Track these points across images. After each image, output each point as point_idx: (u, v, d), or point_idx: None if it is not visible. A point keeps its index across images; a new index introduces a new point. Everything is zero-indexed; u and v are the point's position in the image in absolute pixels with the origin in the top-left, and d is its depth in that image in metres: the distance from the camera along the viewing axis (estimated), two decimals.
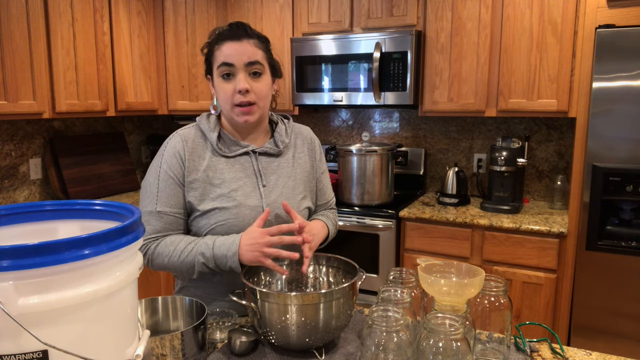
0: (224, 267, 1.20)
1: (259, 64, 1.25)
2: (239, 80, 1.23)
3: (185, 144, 1.27)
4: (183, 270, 1.24)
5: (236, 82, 1.23)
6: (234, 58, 1.22)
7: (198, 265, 1.21)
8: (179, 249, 1.22)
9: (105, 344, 0.72)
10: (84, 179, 2.98)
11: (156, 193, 1.25)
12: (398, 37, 2.64)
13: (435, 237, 2.53)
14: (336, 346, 1.14)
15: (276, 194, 1.32)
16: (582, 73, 2.21)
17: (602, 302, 2.21)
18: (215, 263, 1.20)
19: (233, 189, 1.27)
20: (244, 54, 1.23)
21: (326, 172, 1.50)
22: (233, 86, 1.23)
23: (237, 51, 1.22)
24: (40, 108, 2.47)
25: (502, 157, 2.54)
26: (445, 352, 0.84)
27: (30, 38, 2.40)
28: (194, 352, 1.02)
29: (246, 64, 1.23)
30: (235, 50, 1.22)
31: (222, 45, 1.24)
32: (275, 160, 1.35)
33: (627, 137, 2.10)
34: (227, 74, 1.24)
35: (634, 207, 2.17)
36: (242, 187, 1.28)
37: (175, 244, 1.23)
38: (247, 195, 1.28)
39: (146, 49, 3.12)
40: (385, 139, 3.24)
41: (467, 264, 1.04)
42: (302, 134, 1.44)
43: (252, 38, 1.26)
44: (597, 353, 1.11)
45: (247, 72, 1.24)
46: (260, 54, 1.26)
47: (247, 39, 1.25)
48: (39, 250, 0.62)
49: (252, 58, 1.23)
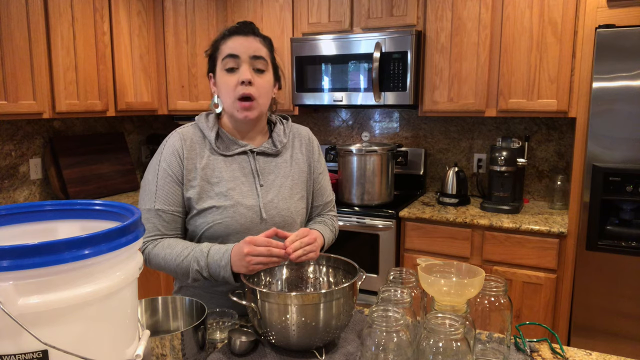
0: (217, 276, 1.19)
1: (263, 60, 1.27)
2: (243, 71, 1.24)
3: (184, 142, 1.28)
4: (178, 275, 1.24)
5: (240, 74, 1.24)
6: (240, 50, 1.24)
7: (193, 272, 1.20)
8: (176, 252, 1.22)
9: (105, 344, 0.72)
10: (84, 179, 2.98)
11: (155, 191, 1.26)
12: (398, 37, 2.64)
13: (435, 237, 2.53)
14: (336, 346, 1.14)
15: (273, 194, 1.32)
16: (582, 73, 2.21)
17: (602, 302, 2.21)
18: (209, 272, 1.19)
19: (230, 188, 1.27)
20: (250, 47, 1.25)
21: (325, 172, 1.49)
22: (236, 79, 1.24)
23: (242, 44, 1.25)
24: (40, 108, 2.47)
25: (502, 157, 2.54)
26: (445, 352, 0.84)
27: (30, 38, 2.40)
28: (194, 352, 1.02)
29: (251, 57, 1.25)
30: (241, 44, 1.25)
31: (228, 40, 1.26)
32: (273, 160, 1.35)
33: (627, 137, 2.10)
34: (232, 68, 1.25)
35: (634, 207, 2.17)
36: (239, 186, 1.29)
37: (173, 247, 1.23)
38: (244, 195, 1.28)
39: (146, 49, 3.12)
40: (385, 139, 3.24)
41: (467, 264, 1.04)
42: (301, 134, 1.44)
43: (258, 36, 1.29)
44: (597, 353, 1.11)
45: (251, 65, 1.25)
46: (265, 51, 1.28)
47: (254, 36, 1.28)
48: (39, 250, 0.62)
49: (257, 52, 1.26)
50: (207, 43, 3.16)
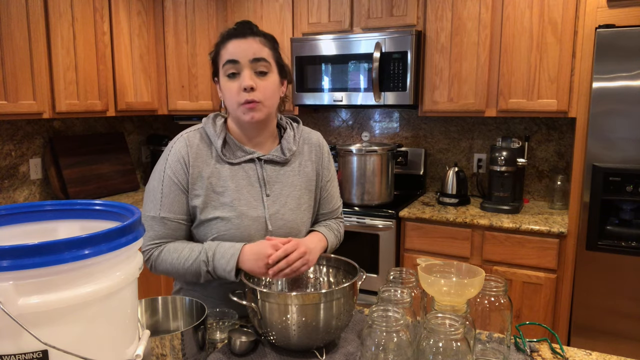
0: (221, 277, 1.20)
1: (264, 61, 1.21)
2: (244, 78, 1.19)
3: (189, 149, 1.24)
4: (188, 277, 1.23)
5: (241, 80, 1.20)
6: (239, 54, 1.20)
7: (204, 274, 1.20)
8: (183, 256, 1.21)
9: (105, 344, 0.72)
10: (84, 179, 2.98)
11: (160, 199, 1.23)
12: (398, 37, 2.64)
13: (435, 237, 2.53)
14: (336, 346, 1.14)
15: (279, 205, 1.29)
16: (582, 73, 2.21)
17: (602, 302, 2.21)
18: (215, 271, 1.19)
19: (235, 198, 1.24)
20: (249, 50, 1.20)
21: (333, 179, 1.43)
22: (238, 84, 1.20)
23: (241, 48, 1.20)
24: (40, 108, 2.47)
25: (502, 157, 2.54)
26: (445, 352, 0.84)
27: (30, 38, 2.40)
28: (194, 352, 1.02)
29: (251, 60, 1.20)
30: (240, 47, 1.20)
31: (227, 44, 1.22)
32: (281, 168, 1.31)
33: (627, 137, 2.10)
34: (233, 73, 1.21)
35: (634, 207, 2.17)
36: (245, 196, 1.25)
37: (179, 251, 1.22)
38: (250, 205, 1.25)
39: (146, 49, 3.12)
40: (385, 139, 3.24)
41: (467, 264, 1.04)
42: (311, 140, 1.39)
43: (257, 36, 1.23)
44: (597, 353, 1.11)
45: (252, 69, 1.20)
46: (266, 52, 1.22)
47: (253, 36, 1.22)
48: (39, 250, 0.62)
49: (257, 54, 1.20)
50: (207, 43, 3.16)
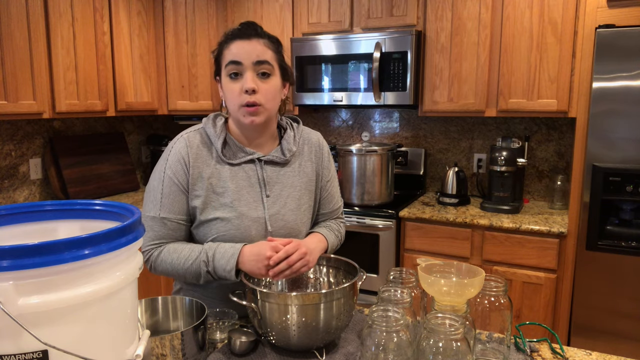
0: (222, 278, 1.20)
1: (267, 64, 1.21)
2: (246, 80, 1.19)
3: (190, 150, 1.24)
4: (188, 278, 1.23)
5: (243, 82, 1.19)
6: (242, 56, 1.19)
7: (204, 275, 1.20)
8: (183, 256, 1.21)
9: (105, 344, 0.72)
10: (84, 179, 2.98)
11: (160, 199, 1.23)
12: (398, 37, 2.64)
13: (435, 237, 2.53)
14: (336, 346, 1.14)
15: (279, 206, 1.29)
16: (582, 73, 2.21)
17: (602, 302, 2.21)
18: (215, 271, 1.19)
19: (235, 199, 1.24)
20: (253, 52, 1.19)
21: (333, 179, 1.43)
22: (240, 85, 1.20)
23: (245, 49, 1.19)
24: (40, 108, 2.47)
25: (502, 157, 2.54)
26: (445, 352, 0.84)
27: (30, 38, 2.40)
28: (194, 352, 1.02)
29: (254, 62, 1.19)
30: (243, 49, 1.19)
31: (231, 44, 1.21)
32: (281, 169, 1.31)
33: (627, 137, 2.10)
34: (235, 74, 1.20)
35: (634, 207, 2.17)
36: (244, 196, 1.25)
37: (179, 251, 1.22)
38: (250, 206, 1.25)
39: (146, 49, 3.12)
40: (385, 139, 3.24)
41: (467, 264, 1.04)
42: (311, 140, 1.39)
43: (262, 38, 1.22)
44: (597, 353, 1.11)
45: (255, 71, 1.20)
46: (269, 54, 1.22)
47: (257, 38, 1.21)
48: (39, 250, 0.62)
49: (260, 57, 1.20)
50: (207, 43, 3.16)
